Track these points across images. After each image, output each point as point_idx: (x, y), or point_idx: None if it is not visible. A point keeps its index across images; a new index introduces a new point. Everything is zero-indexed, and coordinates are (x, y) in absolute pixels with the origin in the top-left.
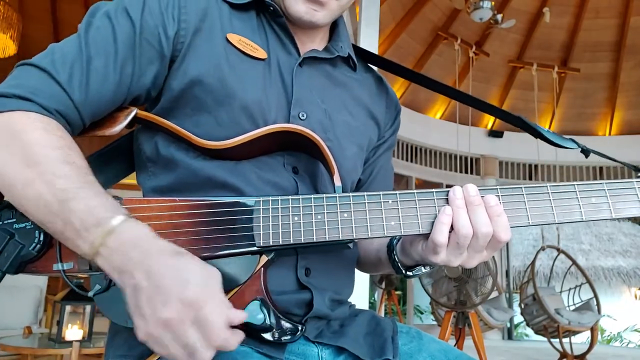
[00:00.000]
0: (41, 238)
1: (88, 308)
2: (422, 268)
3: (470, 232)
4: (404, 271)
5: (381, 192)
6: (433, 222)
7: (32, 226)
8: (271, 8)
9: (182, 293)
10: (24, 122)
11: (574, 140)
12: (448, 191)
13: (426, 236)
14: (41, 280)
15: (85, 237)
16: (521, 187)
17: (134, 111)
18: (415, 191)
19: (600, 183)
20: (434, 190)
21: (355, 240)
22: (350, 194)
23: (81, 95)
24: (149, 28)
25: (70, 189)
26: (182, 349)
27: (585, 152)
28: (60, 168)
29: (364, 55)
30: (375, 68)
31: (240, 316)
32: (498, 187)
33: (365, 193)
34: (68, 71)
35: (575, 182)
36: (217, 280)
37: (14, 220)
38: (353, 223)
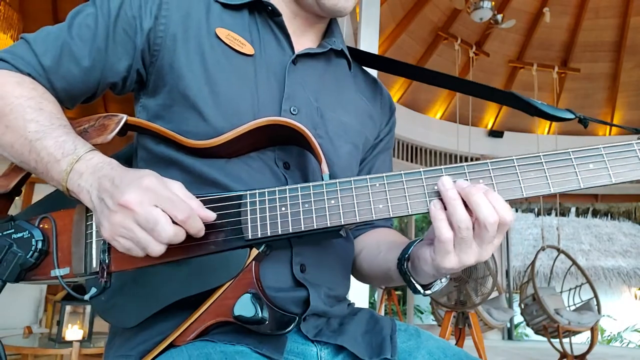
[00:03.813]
0: (38, 246)
1: (88, 308)
2: (439, 282)
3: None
4: (422, 291)
5: (368, 176)
6: (422, 202)
7: (29, 235)
8: (269, 8)
9: (140, 181)
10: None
11: (570, 111)
12: (436, 169)
13: (431, 243)
14: None
15: (55, 168)
16: (512, 159)
17: (124, 118)
18: (402, 172)
19: (597, 147)
20: (421, 169)
21: (349, 231)
22: (337, 181)
23: (52, 65)
24: (127, 18)
25: (40, 131)
26: (144, 229)
27: (583, 121)
28: (31, 114)
29: (362, 58)
30: (374, 71)
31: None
32: (489, 161)
33: (352, 178)
34: (44, 45)
35: (569, 149)
36: (175, 182)
37: (12, 230)
38: (340, 209)
